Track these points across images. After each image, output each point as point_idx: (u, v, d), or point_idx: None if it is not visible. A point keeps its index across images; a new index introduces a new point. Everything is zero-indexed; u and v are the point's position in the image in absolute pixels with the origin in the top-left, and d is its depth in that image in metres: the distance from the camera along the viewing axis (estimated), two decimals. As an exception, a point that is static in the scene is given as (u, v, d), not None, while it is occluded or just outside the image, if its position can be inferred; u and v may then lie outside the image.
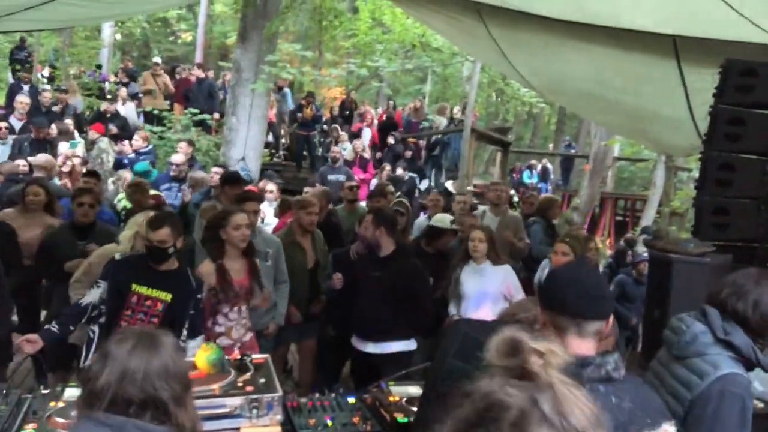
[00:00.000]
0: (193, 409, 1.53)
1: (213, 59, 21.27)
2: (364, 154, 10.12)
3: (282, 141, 13.00)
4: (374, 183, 9.56)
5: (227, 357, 2.75)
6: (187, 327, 3.24)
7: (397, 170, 10.22)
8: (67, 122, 8.96)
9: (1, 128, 7.58)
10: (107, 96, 11.82)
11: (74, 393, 2.39)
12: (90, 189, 4.72)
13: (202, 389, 2.41)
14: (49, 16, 5.55)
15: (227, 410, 2.36)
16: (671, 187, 9.34)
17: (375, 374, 3.30)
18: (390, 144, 11.91)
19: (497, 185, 6.39)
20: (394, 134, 12.25)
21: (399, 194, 6.85)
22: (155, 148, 9.29)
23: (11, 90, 10.50)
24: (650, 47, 4.46)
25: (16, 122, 8.39)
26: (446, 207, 6.38)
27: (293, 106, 12.80)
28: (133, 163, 8.02)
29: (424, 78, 21.17)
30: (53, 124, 8.29)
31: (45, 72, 13.20)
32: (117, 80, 13.16)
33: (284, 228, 4.93)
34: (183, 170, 7.07)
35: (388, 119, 13.25)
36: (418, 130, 13.24)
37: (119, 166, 8.07)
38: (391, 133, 12.22)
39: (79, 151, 7.89)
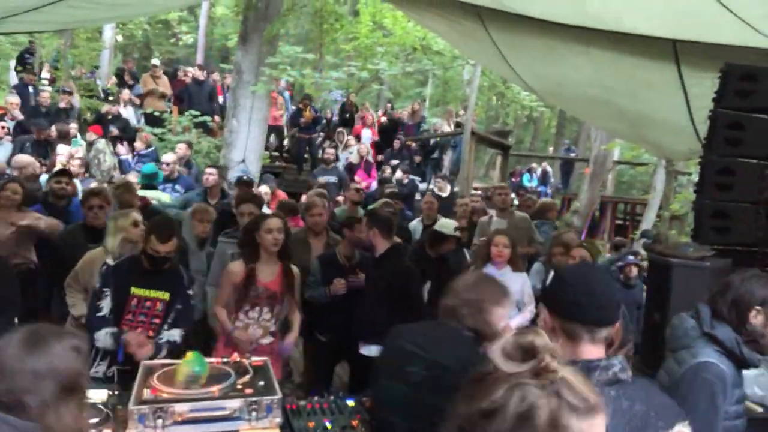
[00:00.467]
0: (76, 415, 1.48)
1: (214, 61, 21.28)
2: (369, 158, 10.13)
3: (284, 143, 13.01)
4: (374, 186, 9.57)
5: (237, 357, 2.77)
6: (171, 320, 3.30)
7: (397, 173, 10.22)
8: (72, 124, 8.96)
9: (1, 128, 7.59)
10: (108, 98, 11.81)
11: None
12: (100, 191, 4.67)
13: (202, 391, 2.42)
14: (51, 18, 5.55)
15: (226, 413, 2.36)
16: (671, 191, 9.34)
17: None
18: (396, 147, 11.92)
19: (503, 189, 6.35)
20: (400, 137, 12.27)
21: (388, 194, 6.87)
22: (156, 150, 9.28)
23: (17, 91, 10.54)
24: (650, 51, 4.47)
25: (9, 123, 8.41)
26: (438, 209, 6.38)
27: (293, 109, 12.80)
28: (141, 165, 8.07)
29: (425, 81, 21.19)
30: (53, 126, 8.31)
31: (45, 73, 13.19)
32: (116, 82, 13.14)
33: (300, 228, 5.03)
34: (175, 170, 7.07)
35: (391, 122, 13.25)
36: (418, 133, 13.24)
37: (124, 170, 8.07)
38: (397, 137, 12.25)
39: (80, 153, 7.88)
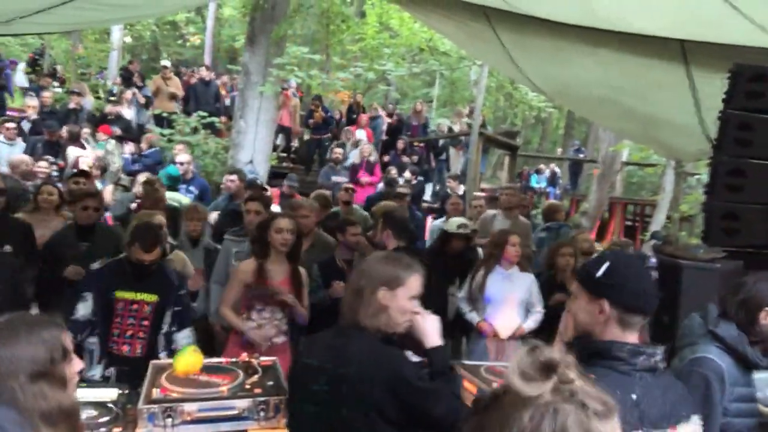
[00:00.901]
0: (53, 394, 1.55)
1: (221, 62, 21.36)
2: (371, 158, 10.13)
3: (292, 144, 13.04)
4: (381, 186, 9.56)
5: (246, 357, 2.78)
6: (170, 321, 3.34)
7: (406, 173, 10.21)
8: (83, 125, 9.02)
9: (9, 129, 7.66)
10: (110, 98, 11.87)
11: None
12: (97, 193, 4.84)
13: (210, 391, 2.43)
14: (60, 20, 5.59)
15: (235, 412, 2.36)
16: (680, 192, 9.29)
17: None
18: (399, 148, 11.88)
19: (509, 189, 6.40)
20: (404, 138, 12.24)
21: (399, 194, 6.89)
22: (163, 151, 9.32)
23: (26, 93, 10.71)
24: (660, 52, 4.45)
25: (26, 124, 8.53)
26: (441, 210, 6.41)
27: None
28: (143, 165, 8.10)
29: (432, 82, 21.16)
30: (64, 127, 8.37)
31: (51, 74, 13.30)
32: (120, 82, 13.20)
33: None
34: (189, 170, 7.10)
35: (399, 122, 13.23)
36: (423, 134, 13.21)
37: (133, 171, 8.12)
38: (400, 137, 12.22)
39: (102, 155, 8.01)
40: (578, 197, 14.61)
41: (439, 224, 6.39)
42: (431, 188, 12.16)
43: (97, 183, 6.53)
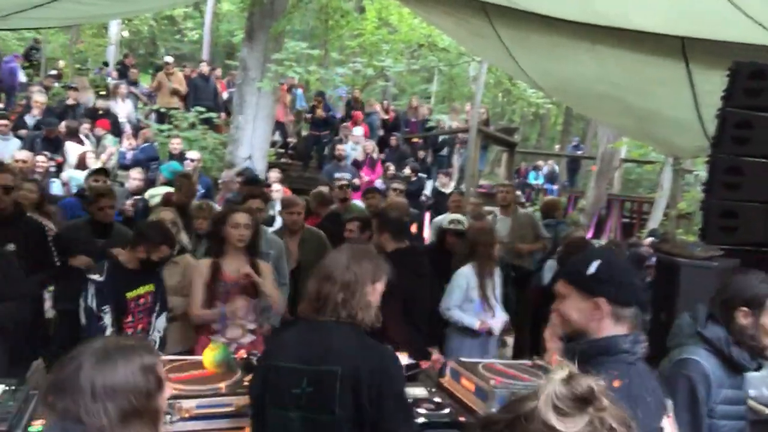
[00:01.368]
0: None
1: (219, 57, 21.29)
2: (374, 155, 10.12)
3: (289, 140, 13.00)
4: (379, 183, 9.56)
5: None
6: (160, 303, 3.47)
7: (405, 170, 10.20)
8: (82, 120, 8.99)
9: (1, 124, 7.60)
10: (102, 93, 11.79)
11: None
12: (110, 191, 4.74)
13: (209, 387, 2.43)
14: (57, 14, 5.56)
15: (233, 409, 2.37)
16: (678, 190, 9.29)
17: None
18: (392, 145, 11.84)
19: (504, 186, 6.40)
20: (396, 135, 12.21)
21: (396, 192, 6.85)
22: (160, 146, 9.29)
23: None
24: (659, 49, 4.44)
25: (31, 119, 8.53)
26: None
27: (306, 105, 12.79)
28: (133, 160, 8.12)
29: (431, 78, 21.11)
30: (63, 122, 8.34)
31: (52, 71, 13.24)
32: (117, 76, 13.15)
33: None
34: (198, 167, 7.08)
35: (395, 118, 13.20)
36: (421, 130, 13.19)
37: (127, 166, 8.10)
38: (393, 134, 12.18)
39: (113, 151, 8.04)
40: (576, 194, 14.61)
41: (439, 221, 6.39)
42: (431, 185, 12.15)
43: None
